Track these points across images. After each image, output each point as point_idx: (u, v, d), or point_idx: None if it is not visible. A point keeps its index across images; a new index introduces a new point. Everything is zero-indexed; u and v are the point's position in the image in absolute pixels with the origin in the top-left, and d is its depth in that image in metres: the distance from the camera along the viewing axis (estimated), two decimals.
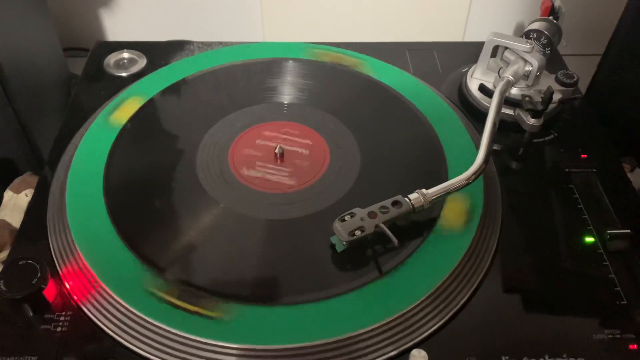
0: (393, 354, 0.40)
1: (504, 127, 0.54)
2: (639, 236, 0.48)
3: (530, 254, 0.47)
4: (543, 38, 0.60)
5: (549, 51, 0.61)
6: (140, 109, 0.57)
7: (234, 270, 0.44)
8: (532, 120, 0.53)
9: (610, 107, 0.63)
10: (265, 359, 0.39)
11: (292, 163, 0.53)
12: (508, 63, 0.57)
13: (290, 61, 0.63)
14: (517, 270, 0.46)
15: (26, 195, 0.53)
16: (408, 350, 0.39)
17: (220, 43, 0.67)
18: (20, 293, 0.40)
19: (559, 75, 0.58)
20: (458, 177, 0.46)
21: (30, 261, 0.42)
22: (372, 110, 0.59)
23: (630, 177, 0.55)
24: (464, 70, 0.63)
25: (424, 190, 0.45)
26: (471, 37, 0.81)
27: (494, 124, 0.50)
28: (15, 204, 0.53)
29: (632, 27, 0.59)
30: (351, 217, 0.44)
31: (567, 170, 0.53)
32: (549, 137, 0.56)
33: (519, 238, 0.48)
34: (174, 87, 0.60)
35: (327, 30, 0.81)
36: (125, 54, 0.65)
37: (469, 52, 0.65)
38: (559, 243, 0.47)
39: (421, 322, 0.41)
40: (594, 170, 0.53)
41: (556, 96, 0.56)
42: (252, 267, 0.44)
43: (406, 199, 0.45)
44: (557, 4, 0.63)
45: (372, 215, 0.44)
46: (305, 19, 0.79)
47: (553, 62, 0.63)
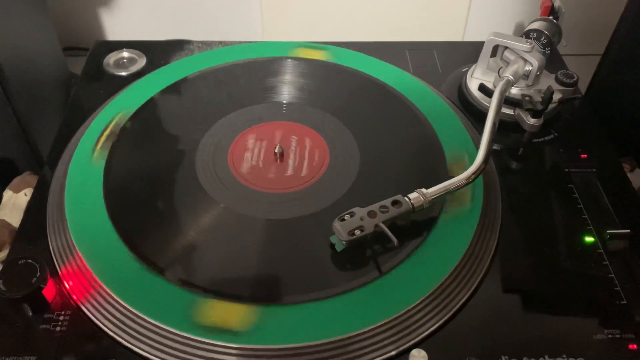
0: (393, 353, 0.40)
1: (503, 126, 0.54)
2: (639, 236, 0.48)
3: (529, 254, 0.47)
4: (543, 38, 0.60)
5: (548, 51, 0.61)
6: (140, 108, 0.57)
7: (233, 270, 0.44)
8: (532, 120, 0.53)
9: (610, 107, 0.63)
10: (265, 358, 0.39)
11: (291, 162, 0.53)
12: (508, 63, 0.57)
13: (289, 61, 0.63)
14: (516, 270, 0.46)
15: (25, 195, 0.53)
16: (408, 350, 0.39)
17: (220, 42, 0.67)
18: (20, 293, 0.40)
19: (559, 75, 0.58)
20: (458, 176, 0.46)
21: (30, 261, 0.42)
22: (371, 110, 0.59)
23: (630, 177, 0.55)
24: (463, 70, 0.63)
25: (423, 190, 0.45)
26: (471, 36, 0.81)
27: (493, 124, 0.50)
28: (14, 203, 0.53)
29: (632, 27, 0.59)
30: (351, 216, 0.44)
31: (566, 170, 0.53)
32: (549, 137, 0.56)
33: (518, 238, 0.48)
34: (173, 87, 0.59)
35: (327, 30, 0.81)
36: (125, 54, 0.65)
37: (468, 52, 0.65)
38: (559, 243, 0.47)
39: (421, 322, 0.41)
40: (594, 170, 0.53)
41: (556, 96, 0.56)
42: (251, 267, 0.44)
43: (406, 198, 0.45)
44: (557, 3, 0.63)
45: (371, 214, 0.44)
46: (305, 18, 0.79)
47: (553, 62, 0.63)
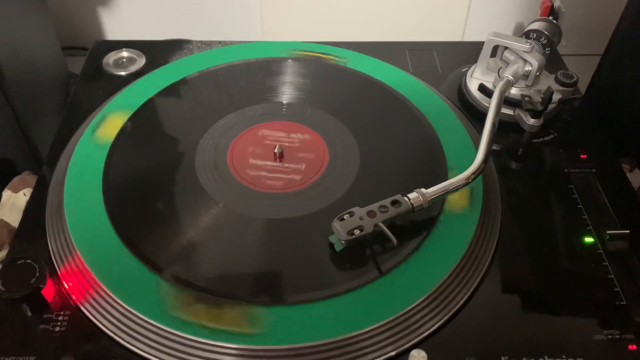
0: (392, 354, 0.40)
1: (503, 127, 0.54)
2: (638, 236, 0.48)
3: (529, 254, 0.47)
4: (543, 38, 0.60)
5: (548, 51, 0.61)
6: (139, 109, 0.56)
7: (232, 270, 0.44)
8: (532, 120, 0.53)
9: (609, 107, 0.63)
10: (264, 359, 0.39)
11: (291, 162, 0.53)
12: (508, 63, 0.57)
13: (289, 61, 0.63)
14: (516, 271, 0.46)
15: (24, 195, 0.53)
16: (407, 351, 0.39)
17: (220, 42, 0.67)
18: (19, 293, 0.40)
19: (559, 75, 0.58)
20: (457, 176, 0.46)
21: (29, 261, 0.42)
22: (371, 110, 0.58)
23: (630, 177, 0.55)
24: (463, 70, 0.63)
25: (423, 190, 0.45)
26: (471, 36, 0.81)
27: (493, 124, 0.50)
28: (13, 203, 0.53)
29: (632, 27, 0.59)
30: (350, 216, 0.44)
31: (566, 170, 0.53)
32: (549, 137, 0.56)
33: (518, 238, 0.48)
34: (173, 87, 0.59)
35: (326, 30, 0.80)
36: (125, 53, 0.65)
37: (468, 52, 0.65)
38: (558, 243, 0.47)
39: (420, 322, 0.41)
40: (594, 170, 0.53)
41: (556, 96, 0.56)
42: (250, 267, 0.44)
43: (405, 198, 0.45)
44: (557, 4, 0.63)
45: (371, 214, 0.44)
46: (305, 18, 0.79)
47: (553, 62, 0.63)
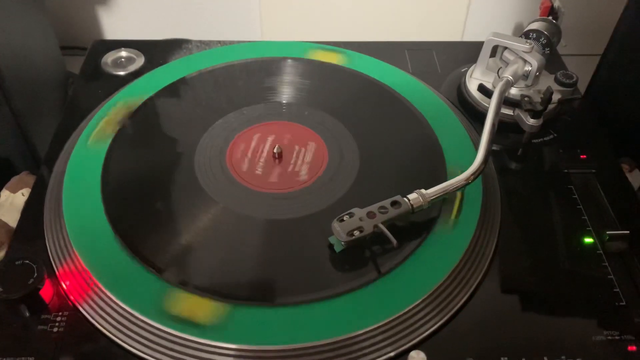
0: (391, 355, 0.39)
1: (503, 127, 0.54)
2: (638, 237, 0.47)
3: (528, 255, 0.47)
4: (542, 38, 0.60)
5: (548, 51, 0.61)
6: (138, 108, 0.56)
7: (232, 270, 0.44)
8: (532, 121, 0.53)
9: (609, 108, 0.63)
10: (263, 359, 0.39)
11: (290, 163, 0.53)
12: (507, 63, 0.57)
13: (289, 60, 0.63)
14: (515, 271, 0.46)
15: (23, 195, 0.53)
16: (407, 352, 0.39)
17: (219, 42, 0.67)
18: (17, 293, 0.40)
19: (559, 76, 0.58)
20: (457, 177, 0.46)
21: (27, 261, 0.42)
22: (370, 110, 0.58)
23: (629, 177, 0.55)
24: (463, 70, 0.63)
25: (422, 191, 0.45)
26: (470, 36, 0.81)
27: (493, 124, 0.50)
28: (12, 203, 0.53)
29: (632, 27, 0.59)
30: (350, 217, 0.44)
31: (566, 170, 0.53)
32: (548, 138, 0.56)
33: (517, 239, 0.48)
34: (172, 87, 0.59)
35: (325, 30, 0.80)
36: (123, 53, 0.65)
37: (468, 52, 0.65)
38: (558, 244, 0.47)
39: (420, 323, 0.41)
40: (593, 171, 0.53)
41: (555, 96, 0.56)
42: (249, 268, 0.44)
43: (405, 199, 0.45)
44: (557, 4, 0.63)
45: (371, 215, 0.44)
46: (304, 18, 0.79)
47: (552, 62, 0.63)
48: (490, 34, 0.58)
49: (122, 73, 0.63)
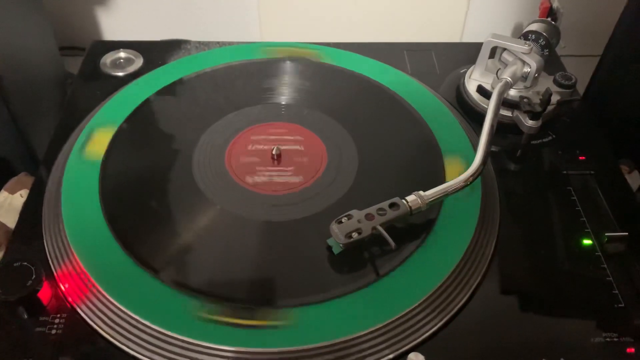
0: (390, 357, 0.39)
1: (502, 128, 0.54)
2: (637, 239, 0.47)
3: (527, 256, 0.47)
4: (541, 39, 0.60)
5: (547, 52, 0.61)
6: (137, 109, 0.56)
7: (229, 272, 0.44)
8: (531, 122, 0.53)
9: (608, 109, 0.63)
10: None
11: (289, 164, 0.52)
12: (506, 64, 0.57)
13: (287, 62, 0.63)
14: (514, 273, 0.46)
15: (21, 196, 0.53)
16: (405, 354, 0.39)
17: (218, 43, 0.67)
18: (15, 295, 0.40)
19: (557, 77, 0.58)
20: (456, 179, 0.46)
21: (25, 263, 0.42)
22: (369, 112, 0.58)
23: (628, 179, 0.55)
24: (462, 71, 0.63)
25: (421, 192, 0.45)
26: (469, 37, 0.81)
27: (491, 126, 0.50)
28: (10, 204, 0.53)
29: (631, 28, 0.59)
30: (348, 219, 0.44)
31: (565, 172, 0.53)
32: (547, 139, 0.56)
33: (516, 240, 0.48)
34: (170, 88, 0.59)
35: (324, 30, 0.80)
36: (122, 54, 0.65)
37: (467, 53, 0.65)
38: (557, 245, 0.47)
39: (418, 325, 0.41)
40: (592, 172, 0.53)
41: (554, 98, 0.56)
42: (247, 269, 0.44)
43: (403, 200, 0.45)
44: (556, 5, 0.63)
45: (369, 217, 0.44)
46: (303, 19, 0.79)
47: (551, 63, 0.63)
48: (489, 35, 0.58)
49: (120, 74, 0.63)
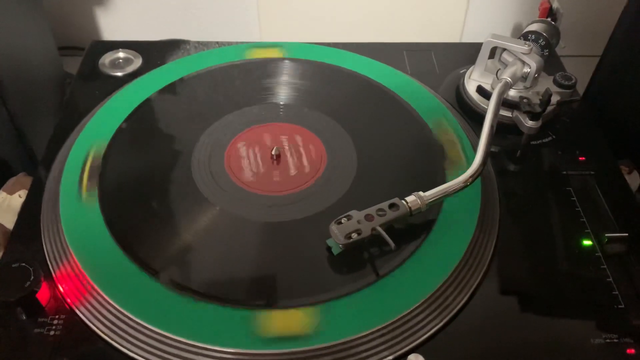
0: (390, 359, 0.39)
1: (501, 129, 0.54)
2: (637, 239, 0.47)
3: (527, 257, 0.46)
4: (541, 39, 0.60)
5: (547, 53, 0.61)
6: (136, 109, 0.56)
7: (229, 273, 0.44)
8: (530, 123, 0.53)
9: (608, 109, 0.63)
10: None
11: (288, 165, 0.52)
12: (506, 65, 0.57)
13: (286, 61, 0.63)
14: (514, 274, 0.46)
15: (20, 197, 0.53)
16: (405, 355, 0.39)
17: (217, 43, 0.67)
18: (13, 296, 0.40)
19: (557, 77, 0.58)
20: (455, 179, 0.46)
21: (24, 264, 0.42)
22: (369, 112, 0.58)
23: (628, 179, 0.55)
24: (461, 72, 0.63)
25: (421, 193, 0.45)
26: (469, 38, 0.81)
27: (491, 126, 0.49)
28: (8, 205, 0.52)
29: (631, 29, 0.59)
30: (348, 219, 0.44)
31: (564, 172, 0.53)
32: (547, 139, 0.56)
33: (516, 241, 0.48)
34: (169, 88, 0.59)
35: (324, 31, 0.80)
36: (121, 54, 0.65)
37: (466, 53, 0.65)
38: (557, 246, 0.47)
39: (418, 327, 0.41)
40: (592, 172, 0.53)
41: (554, 98, 0.56)
42: (247, 271, 0.44)
43: (403, 201, 0.45)
44: (555, 5, 0.63)
45: (368, 217, 0.44)
46: (303, 19, 0.79)
47: (551, 63, 0.63)
48: (489, 35, 0.58)
49: (119, 74, 0.62)
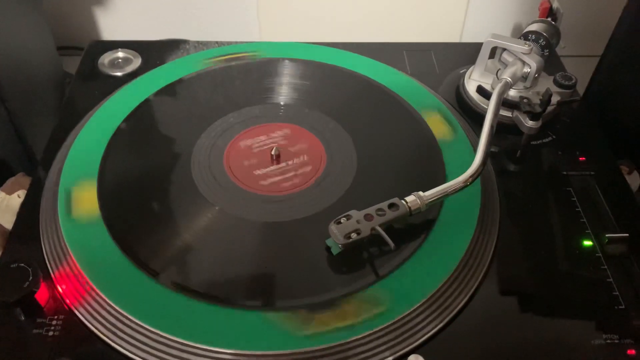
0: (390, 359, 0.39)
1: (501, 129, 0.54)
2: (637, 240, 0.47)
3: (527, 258, 0.46)
4: (541, 39, 0.60)
5: (547, 53, 0.61)
6: (135, 109, 0.56)
7: (228, 273, 0.44)
8: (530, 123, 0.53)
9: (608, 109, 0.63)
10: None
11: (288, 165, 0.52)
12: (506, 64, 0.57)
13: (286, 61, 0.62)
14: (514, 274, 0.45)
15: (19, 197, 0.53)
16: (405, 356, 0.39)
17: (217, 43, 0.67)
18: (12, 297, 0.40)
19: (557, 77, 0.58)
20: (455, 179, 0.46)
21: (22, 264, 0.42)
22: (368, 112, 0.58)
23: (628, 179, 0.55)
24: (461, 72, 0.63)
25: (420, 193, 0.45)
26: (469, 38, 0.81)
27: (491, 126, 0.49)
28: (7, 205, 0.52)
29: (631, 29, 0.59)
30: (347, 219, 0.44)
31: (564, 173, 0.53)
32: (547, 140, 0.56)
33: (516, 241, 0.48)
34: (169, 88, 0.59)
35: (324, 31, 0.80)
36: (120, 53, 0.65)
37: (466, 53, 0.65)
38: (557, 246, 0.47)
39: (418, 327, 0.41)
40: (592, 173, 0.53)
41: (554, 98, 0.56)
42: (246, 271, 0.44)
43: (403, 201, 0.44)
44: (556, 5, 0.62)
45: (368, 217, 0.44)
46: (302, 18, 0.79)
47: (551, 63, 0.63)
48: (489, 35, 0.57)
49: (119, 74, 0.62)
